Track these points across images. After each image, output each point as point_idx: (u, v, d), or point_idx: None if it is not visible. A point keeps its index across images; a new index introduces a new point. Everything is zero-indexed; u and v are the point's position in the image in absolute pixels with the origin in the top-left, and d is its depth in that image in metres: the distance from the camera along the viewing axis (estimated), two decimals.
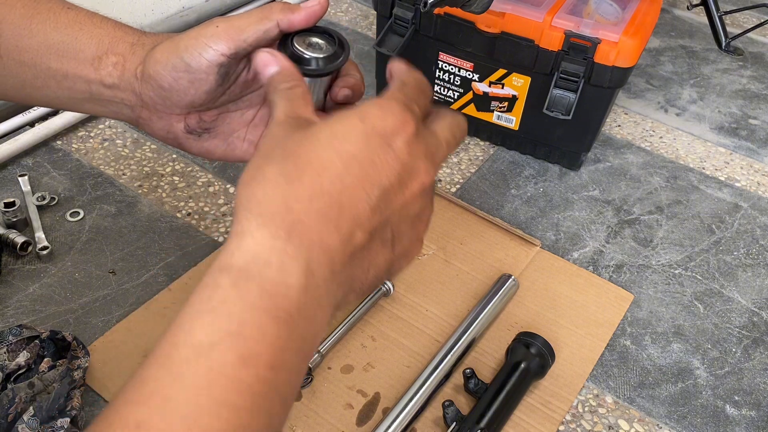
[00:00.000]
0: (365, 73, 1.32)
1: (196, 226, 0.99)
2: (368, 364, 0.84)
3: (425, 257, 0.97)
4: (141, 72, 0.49)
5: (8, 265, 0.91)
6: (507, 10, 1.02)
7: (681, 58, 1.46)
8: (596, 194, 1.12)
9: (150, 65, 0.48)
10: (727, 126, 1.29)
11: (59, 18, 0.50)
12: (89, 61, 0.49)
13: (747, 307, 0.96)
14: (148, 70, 0.48)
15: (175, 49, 0.46)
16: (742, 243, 1.05)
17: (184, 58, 0.46)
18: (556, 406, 0.82)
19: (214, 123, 0.52)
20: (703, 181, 1.16)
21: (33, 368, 0.75)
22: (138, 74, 0.49)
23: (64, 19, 0.50)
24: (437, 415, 0.79)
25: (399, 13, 1.08)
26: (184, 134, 0.51)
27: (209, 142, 0.53)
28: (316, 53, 0.48)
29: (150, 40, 0.50)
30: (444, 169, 1.13)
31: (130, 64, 0.49)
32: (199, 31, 0.46)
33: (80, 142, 1.12)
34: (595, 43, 0.98)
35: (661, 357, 0.89)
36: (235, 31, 0.45)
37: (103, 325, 0.85)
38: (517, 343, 0.83)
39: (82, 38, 0.50)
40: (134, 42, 0.50)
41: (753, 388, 0.86)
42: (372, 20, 1.46)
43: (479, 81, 1.11)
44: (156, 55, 0.47)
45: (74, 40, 0.49)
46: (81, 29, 0.50)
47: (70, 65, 0.49)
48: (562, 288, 0.95)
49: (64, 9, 0.51)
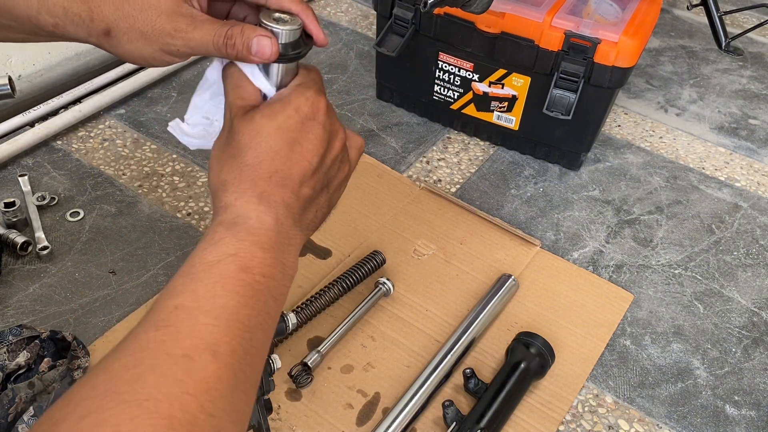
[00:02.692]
0: (365, 73, 1.32)
1: (196, 226, 0.99)
2: (368, 364, 0.84)
3: (425, 257, 0.97)
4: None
5: (8, 265, 0.91)
6: (507, 10, 1.02)
7: (681, 58, 1.46)
8: (596, 194, 1.12)
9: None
10: (727, 126, 1.29)
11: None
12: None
13: (747, 307, 0.96)
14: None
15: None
16: (742, 243, 1.05)
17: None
18: (556, 406, 0.82)
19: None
20: (703, 181, 1.16)
21: (33, 368, 0.75)
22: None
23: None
24: (437, 415, 0.79)
25: (399, 13, 1.08)
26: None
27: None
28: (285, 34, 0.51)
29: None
30: (444, 169, 1.13)
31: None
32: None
33: (80, 142, 1.12)
34: (595, 43, 0.98)
35: (661, 357, 0.89)
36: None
37: (103, 325, 0.85)
38: (517, 343, 0.83)
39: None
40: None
41: (753, 388, 0.86)
42: (372, 20, 1.46)
43: (479, 81, 1.11)
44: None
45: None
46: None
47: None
48: (562, 288, 0.95)
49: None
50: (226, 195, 0.47)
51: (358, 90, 1.28)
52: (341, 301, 0.90)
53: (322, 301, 0.87)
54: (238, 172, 0.47)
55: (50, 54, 1.21)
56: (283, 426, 0.77)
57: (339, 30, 1.43)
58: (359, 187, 1.07)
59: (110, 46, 0.51)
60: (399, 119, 1.23)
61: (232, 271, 0.43)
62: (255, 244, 0.44)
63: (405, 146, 1.17)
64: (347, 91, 1.28)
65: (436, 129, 1.21)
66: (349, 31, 1.44)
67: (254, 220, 0.45)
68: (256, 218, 0.45)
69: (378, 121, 1.22)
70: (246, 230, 0.45)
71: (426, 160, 1.15)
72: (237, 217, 0.45)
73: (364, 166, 1.11)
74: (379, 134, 1.19)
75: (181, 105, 1.21)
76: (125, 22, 0.50)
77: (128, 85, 1.20)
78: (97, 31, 0.50)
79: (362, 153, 0.67)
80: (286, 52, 0.50)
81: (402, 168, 1.13)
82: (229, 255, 0.43)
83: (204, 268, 0.43)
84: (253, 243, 0.44)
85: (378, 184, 1.08)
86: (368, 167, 1.11)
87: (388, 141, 1.18)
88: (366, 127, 1.20)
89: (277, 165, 0.47)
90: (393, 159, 1.14)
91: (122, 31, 0.50)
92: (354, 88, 1.29)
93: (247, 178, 0.46)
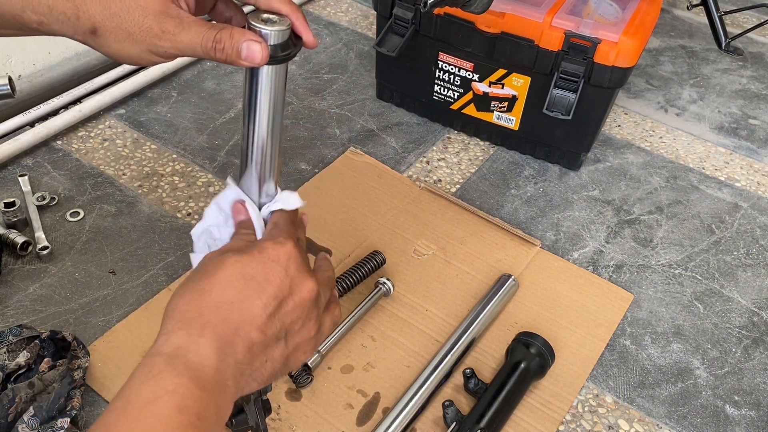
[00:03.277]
0: (365, 73, 1.32)
1: None
2: (368, 364, 0.84)
3: (425, 257, 0.97)
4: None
5: (8, 265, 0.91)
6: (507, 10, 1.02)
7: (681, 58, 1.46)
8: (596, 194, 1.12)
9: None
10: (727, 126, 1.29)
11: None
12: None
13: (747, 307, 0.96)
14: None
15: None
16: (742, 243, 1.05)
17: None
18: (556, 406, 0.82)
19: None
20: (703, 181, 1.16)
21: (33, 368, 0.75)
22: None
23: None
24: (437, 415, 0.79)
25: (399, 13, 1.08)
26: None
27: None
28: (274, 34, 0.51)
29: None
30: (444, 169, 1.13)
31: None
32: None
33: (80, 142, 1.12)
34: (595, 43, 0.98)
35: (661, 357, 0.89)
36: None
37: (103, 325, 0.85)
38: (517, 343, 0.83)
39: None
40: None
41: (753, 388, 0.86)
42: (372, 20, 1.46)
43: (479, 81, 1.11)
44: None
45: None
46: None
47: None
48: (562, 288, 0.95)
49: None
50: (171, 321, 0.45)
51: (358, 90, 1.28)
52: (341, 301, 0.90)
53: None
54: (188, 299, 0.46)
55: (50, 54, 1.21)
56: (283, 426, 0.77)
57: (339, 30, 1.43)
58: (359, 187, 1.07)
59: (97, 44, 0.51)
60: (399, 119, 1.23)
61: (169, 412, 0.41)
62: (192, 380, 0.42)
63: (405, 146, 1.17)
64: (347, 91, 1.28)
65: (436, 129, 1.21)
66: (349, 31, 1.44)
67: (193, 354, 0.43)
68: (196, 352, 0.43)
69: (378, 121, 1.22)
70: (184, 364, 0.43)
71: (426, 160, 1.15)
72: (177, 349, 0.43)
73: (364, 166, 1.11)
74: (379, 134, 1.19)
75: (181, 105, 1.21)
76: (112, 21, 0.49)
77: (128, 85, 1.20)
78: (83, 30, 0.50)
79: (337, 325, 0.68)
80: (276, 53, 0.50)
81: (402, 168, 1.13)
82: (167, 392, 0.41)
83: (141, 407, 0.41)
84: (191, 378, 0.42)
85: (378, 184, 1.08)
86: (368, 167, 1.11)
87: (388, 141, 1.18)
88: (366, 127, 1.20)
89: (228, 297, 0.46)
90: (393, 159, 1.14)
91: (109, 31, 0.49)
92: (354, 88, 1.29)
93: (195, 306, 0.45)
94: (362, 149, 1.15)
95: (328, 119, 1.21)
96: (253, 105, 0.53)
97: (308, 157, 1.13)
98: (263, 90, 0.52)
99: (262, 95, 0.52)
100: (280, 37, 0.50)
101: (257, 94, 0.52)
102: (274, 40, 0.50)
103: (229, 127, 1.17)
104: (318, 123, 1.20)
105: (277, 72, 0.52)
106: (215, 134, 1.16)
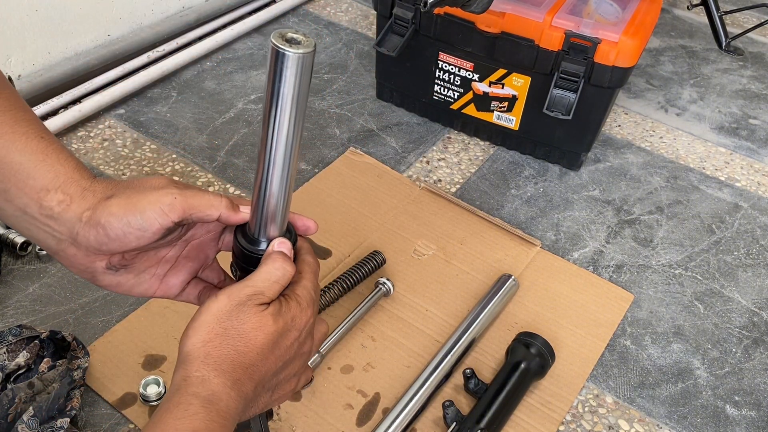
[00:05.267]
0: (365, 73, 1.32)
1: None
2: (368, 364, 0.84)
3: (425, 257, 0.97)
4: (89, 217, 0.52)
5: (8, 265, 0.91)
6: (507, 10, 1.02)
7: (681, 58, 1.46)
8: (596, 194, 1.12)
9: (103, 215, 0.52)
10: (727, 126, 1.29)
11: (29, 144, 0.53)
12: (37, 189, 0.53)
13: (747, 307, 0.96)
14: (98, 218, 0.52)
15: (133, 208, 0.52)
16: (742, 243, 1.05)
17: (139, 220, 0.52)
18: (556, 406, 0.82)
19: (133, 260, 0.57)
20: (703, 181, 1.16)
21: (33, 368, 0.75)
22: (84, 218, 0.52)
23: (33, 146, 0.53)
24: (437, 415, 0.79)
25: (399, 13, 1.08)
26: (102, 270, 0.56)
27: (123, 276, 0.57)
28: None
29: (101, 188, 0.54)
30: (444, 169, 1.13)
31: (76, 207, 0.53)
32: (157, 197, 0.52)
33: (80, 142, 1.12)
34: (595, 43, 0.98)
35: (661, 357, 0.89)
36: (188, 207, 0.52)
37: (102, 325, 0.85)
38: (517, 343, 0.83)
39: (41, 168, 0.53)
40: (86, 187, 0.53)
41: (753, 388, 0.86)
42: (372, 20, 1.46)
43: (479, 81, 1.11)
44: (111, 207, 0.52)
45: (33, 167, 0.53)
46: (44, 160, 0.53)
47: (17, 184, 0.53)
48: (562, 288, 0.95)
49: (37, 137, 0.54)
50: (205, 368, 0.50)
51: (358, 90, 1.28)
52: (341, 301, 0.90)
53: (323, 301, 0.87)
54: (224, 352, 0.50)
55: (50, 54, 1.21)
56: (283, 426, 0.77)
57: (339, 30, 1.43)
58: (359, 187, 1.07)
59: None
60: (399, 119, 1.23)
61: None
62: (219, 424, 0.49)
63: (405, 146, 1.17)
64: (347, 91, 1.28)
65: (436, 129, 1.21)
66: (349, 31, 1.44)
67: (224, 403, 0.49)
68: (226, 402, 0.50)
69: (378, 121, 1.22)
70: (217, 411, 0.49)
71: (426, 160, 1.15)
72: (212, 395, 0.49)
73: (364, 166, 1.11)
74: (379, 134, 1.19)
75: (181, 105, 1.21)
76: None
77: (128, 85, 1.20)
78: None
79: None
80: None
81: (402, 168, 1.13)
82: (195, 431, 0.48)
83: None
84: (221, 426, 0.49)
85: (378, 184, 1.08)
86: (368, 167, 1.11)
87: (388, 141, 1.18)
88: (366, 127, 1.20)
89: (256, 360, 0.52)
90: (393, 159, 1.14)
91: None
92: (354, 88, 1.29)
93: (230, 361, 0.50)
94: (362, 149, 1.15)
95: (328, 119, 1.21)
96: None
97: (308, 157, 1.13)
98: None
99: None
100: (308, 59, 0.47)
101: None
102: (299, 64, 0.47)
103: (229, 127, 1.17)
104: (318, 123, 1.20)
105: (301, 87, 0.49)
106: (215, 134, 1.16)
